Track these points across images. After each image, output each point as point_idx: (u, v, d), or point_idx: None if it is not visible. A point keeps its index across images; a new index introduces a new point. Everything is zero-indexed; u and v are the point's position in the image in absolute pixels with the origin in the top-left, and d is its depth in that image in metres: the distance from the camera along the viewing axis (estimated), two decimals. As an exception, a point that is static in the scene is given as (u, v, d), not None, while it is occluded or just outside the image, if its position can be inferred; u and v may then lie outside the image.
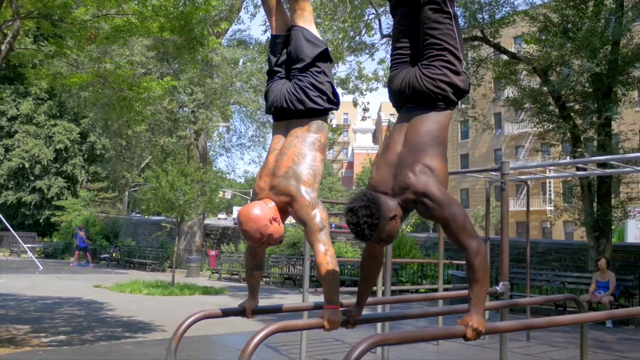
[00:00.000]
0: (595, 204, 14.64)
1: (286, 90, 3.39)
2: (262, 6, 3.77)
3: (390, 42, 3.80)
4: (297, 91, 3.35)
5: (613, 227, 16.49)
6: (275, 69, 3.53)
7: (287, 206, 3.19)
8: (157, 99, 8.50)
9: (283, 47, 3.53)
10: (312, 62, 3.38)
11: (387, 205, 2.77)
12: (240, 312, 3.41)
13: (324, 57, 3.44)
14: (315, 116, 3.37)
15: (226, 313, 3.55)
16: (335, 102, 3.42)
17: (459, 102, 3.12)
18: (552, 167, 9.31)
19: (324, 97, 3.37)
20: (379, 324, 6.59)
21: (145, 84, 8.58)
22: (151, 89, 8.45)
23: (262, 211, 3.09)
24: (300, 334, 7.01)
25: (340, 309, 3.06)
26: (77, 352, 7.41)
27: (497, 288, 5.00)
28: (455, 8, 3.13)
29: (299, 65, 3.41)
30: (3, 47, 8.68)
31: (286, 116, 3.41)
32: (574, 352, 8.26)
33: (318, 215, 3.10)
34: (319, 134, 3.36)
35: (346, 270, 18.88)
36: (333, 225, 47.25)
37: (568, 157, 15.68)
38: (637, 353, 8.39)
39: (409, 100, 3.08)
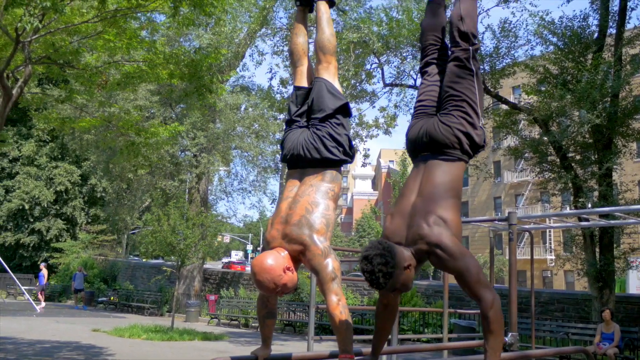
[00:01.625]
0: (597, 254, 14.63)
1: (303, 139, 3.44)
2: (289, 56, 3.87)
3: (415, 97, 3.92)
4: (315, 140, 3.40)
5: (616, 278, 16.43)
6: (295, 118, 3.59)
7: (299, 254, 3.20)
8: (164, 144, 8.62)
9: (304, 99, 3.60)
10: (332, 114, 3.45)
11: (402, 255, 2.79)
12: None
13: (345, 110, 3.51)
14: (330, 166, 3.41)
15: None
16: (350, 155, 3.46)
17: (474, 155, 3.18)
18: (554, 217, 9.35)
19: (340, 149, 3.41)
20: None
21: (152, 129, 8.69)
22: (159, 134, 8.55)
23: (276, 261, 3.09)
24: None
25: (355, 358, 3.07)
26: (77, 398, 7.31)
27: (506, 339, 4.97)
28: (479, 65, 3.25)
29: (319, 115, 3.47)
30: (14, 92, 8.81)
31: (301, 164, 3.45)
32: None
33: (330, 264, 3.11)
34: (332, 183, 3.39)
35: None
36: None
37: (568, 207, 15.77)
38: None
39: (425, 148, 3.14)
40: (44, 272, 26.46)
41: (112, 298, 28.88)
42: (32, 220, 37.56)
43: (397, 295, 2.98)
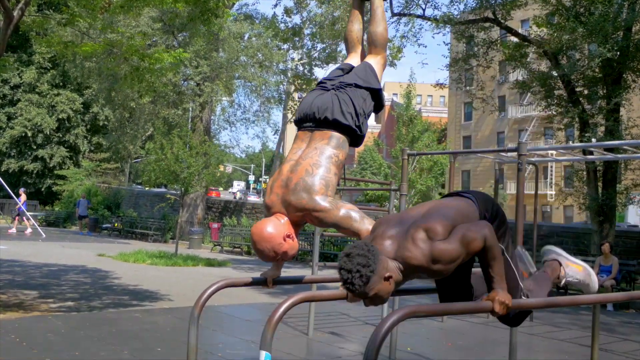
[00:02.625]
0: (600, 189, 14.68)
1: (320, 100, 3.31)
2: (344, 42, 3.81)
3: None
4: (332, 101, 3.27)
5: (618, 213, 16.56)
6: (324, 79, 3.49)
7: (303, 219, 3.13)
8: (169, 70, 8.49)
9: (344, 73, 3.52)
10: (362, 86, 3.34)
11: (386, 264, 2.62)
12: (262, 281, 3.42)
13: (375, 94, 3.39)
14: (338, 130, 3.26)
15: (248, 282, 3.58)
16: (360, 131, 3.32)
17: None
18: (561, 150, 9.32)
19: (354, 117, 3.27)
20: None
21: (157, 54, 8.55)
22: (163, 59, 8.41)
23: (276, 229, 3.03)
24: (309, 307, 7.09)
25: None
26: (86, 318, 7.48)
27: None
28: None
29: (349, 81, 3.36)
30: (15, 14, 8.62)
31: (310, 125, 3.32)
32: (578, 332, 8.36)
33: (343, 209, 3.05)
34: (338, 149, 3.23)
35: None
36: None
37: (570, 142, 15.70)
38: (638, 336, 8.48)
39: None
40: (23, 197, 26.48)
41: (116, 225, 29.23)
42: (35, 147, 37.62)
43: (367, 304, 2.71)
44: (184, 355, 5.82)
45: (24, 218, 25.37)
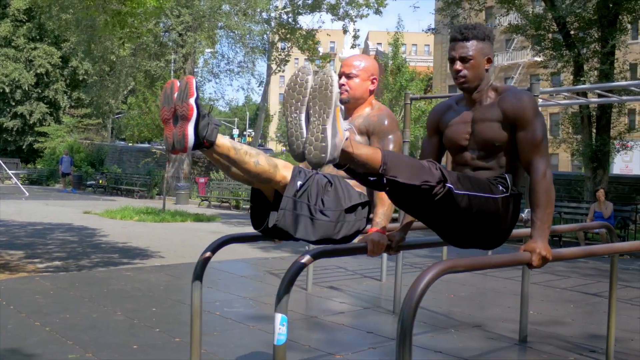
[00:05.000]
0: (594, 135, 14.48)
1: None
2: None
3: None
4: None
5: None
6: None
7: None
8: (152, 14, 8.00)
9: None
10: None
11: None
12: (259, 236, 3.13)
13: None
14: None
15: (252, 237, 3.29)
16: None
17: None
18: (564, 94, 9.02)
19: None
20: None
21: (138, -2, 8.03)
22: (145, 3, 7.91)
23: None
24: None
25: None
26: (75, 278, 7.19)
27: (522, 215, 4.79)
28: None
29: None
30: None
31: None
32: (578, 280, 8.25)
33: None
34: None
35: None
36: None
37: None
38: (638, 282, 8.37)
39: None
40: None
41: (100, 182, 28.77)
42: (13, 104, 36.73)
43: (465, 78, 2.65)
44: (180, 314, 5.58)
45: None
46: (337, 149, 2.07)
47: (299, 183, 2.60)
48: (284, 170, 2.60)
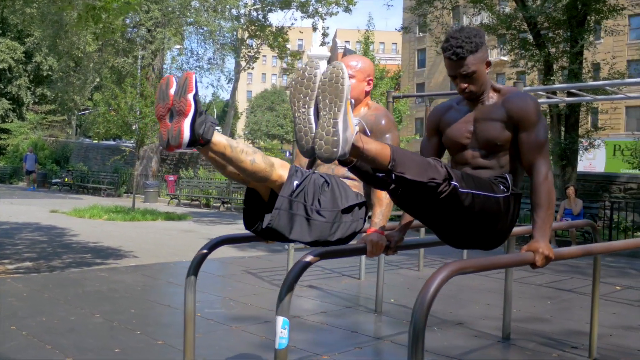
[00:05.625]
0: (563, 134, 14.72)
1: None
2: None
3: None
4: None
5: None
6: None
7: None
8: (128, 9, 7.83)
9: None
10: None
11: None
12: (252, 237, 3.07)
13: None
14: None
15: (245, 238, 3.24)
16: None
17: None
18: (539, 92, 9.13)
19: None
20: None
21: (112, -7, 7.85)
22: (119, -2, 7.74)
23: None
24: (287, 260, 6.80)
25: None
26: (48, 279, 7.01)
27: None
28: None
29: None
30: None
31: None
32: (552, 276, 8.34)
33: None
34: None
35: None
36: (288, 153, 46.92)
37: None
38: (612, 278, 8.52)
39: None
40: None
41: (66, 179, 28.24)
42: (-26, 99, 35.82)
43: (467, 85, 2.62)
44: (160, 316, 5.48)
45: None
46: (348, 143, 2.03)
47: (295, 183, 2.56)
48: (281, 169, 2.55)
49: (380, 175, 2.14)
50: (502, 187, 2.52)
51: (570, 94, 11.91)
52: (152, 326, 5.04)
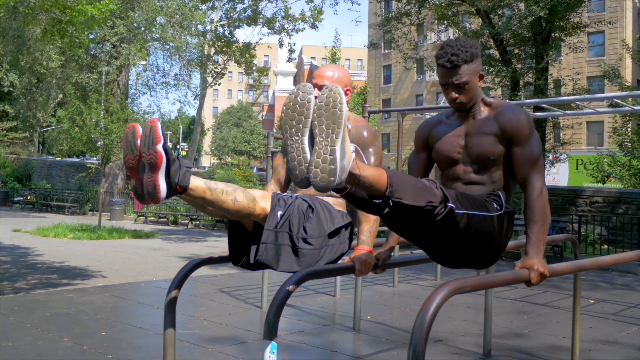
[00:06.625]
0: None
1: None
2: None
3: None
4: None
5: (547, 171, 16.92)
6: None
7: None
8: (96, 23, 7.67)
9: None
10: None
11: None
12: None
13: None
14: None
15: (223, 259, 3.12)
16: None
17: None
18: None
19: None
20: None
21: (79, 6, 7.70)
22: (87, 12, 7.58)
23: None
24: (262, 278, 6.68)
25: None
26: (13, 301, 6.75)
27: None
28: None
29: None
30: None
31: None
32: (526, 291, 8.35)
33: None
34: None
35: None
36: (255, 169, 46.69)
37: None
38: (584, 291, 8.55)
39: None
40: None
41: (29, 197, 27.59)
42: None
43: (461, 97, 2.56)
44: (132, 338, 5.30)
45: None
46: (345, 172, 1.94)
47: (279, 213, 2.49)
48: (263, 201, 2.49)
49: (376, 202, 2.07)
50: (495, 205, 2.46)
51: (537, 109, 12.08)
52: (124, 349, 4.87)
